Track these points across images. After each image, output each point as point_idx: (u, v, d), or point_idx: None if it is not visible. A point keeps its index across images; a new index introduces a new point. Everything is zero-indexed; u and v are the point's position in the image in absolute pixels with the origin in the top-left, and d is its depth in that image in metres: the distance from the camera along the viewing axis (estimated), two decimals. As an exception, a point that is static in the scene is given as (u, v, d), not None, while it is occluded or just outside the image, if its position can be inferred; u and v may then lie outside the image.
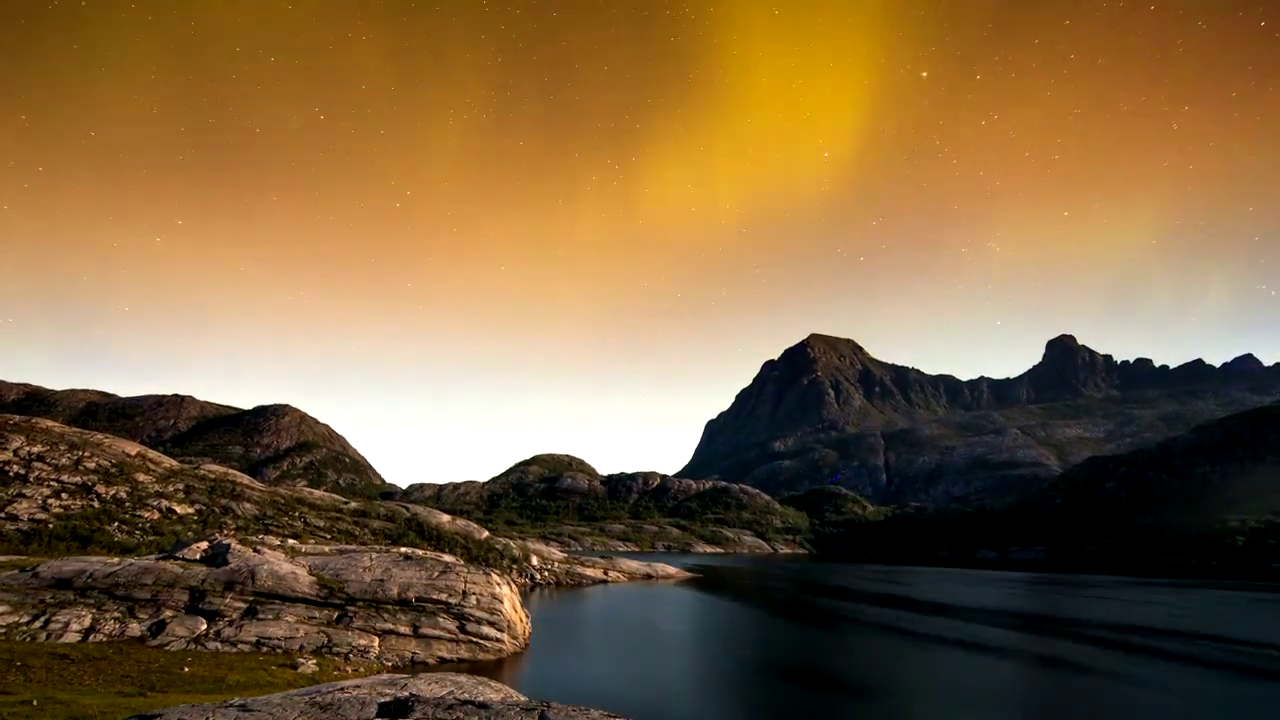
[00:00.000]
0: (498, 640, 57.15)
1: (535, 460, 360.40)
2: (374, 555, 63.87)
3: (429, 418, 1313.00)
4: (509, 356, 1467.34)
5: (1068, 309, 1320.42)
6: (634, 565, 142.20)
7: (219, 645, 47.25)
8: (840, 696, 50.83)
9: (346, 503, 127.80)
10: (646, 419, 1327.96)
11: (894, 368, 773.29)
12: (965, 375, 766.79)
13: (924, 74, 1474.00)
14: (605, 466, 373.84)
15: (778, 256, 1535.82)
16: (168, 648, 45.91)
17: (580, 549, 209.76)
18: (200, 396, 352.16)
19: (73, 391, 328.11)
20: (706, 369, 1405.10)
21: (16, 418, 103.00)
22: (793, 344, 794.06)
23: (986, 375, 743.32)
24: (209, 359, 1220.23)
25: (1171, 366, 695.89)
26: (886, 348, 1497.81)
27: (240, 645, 47.78)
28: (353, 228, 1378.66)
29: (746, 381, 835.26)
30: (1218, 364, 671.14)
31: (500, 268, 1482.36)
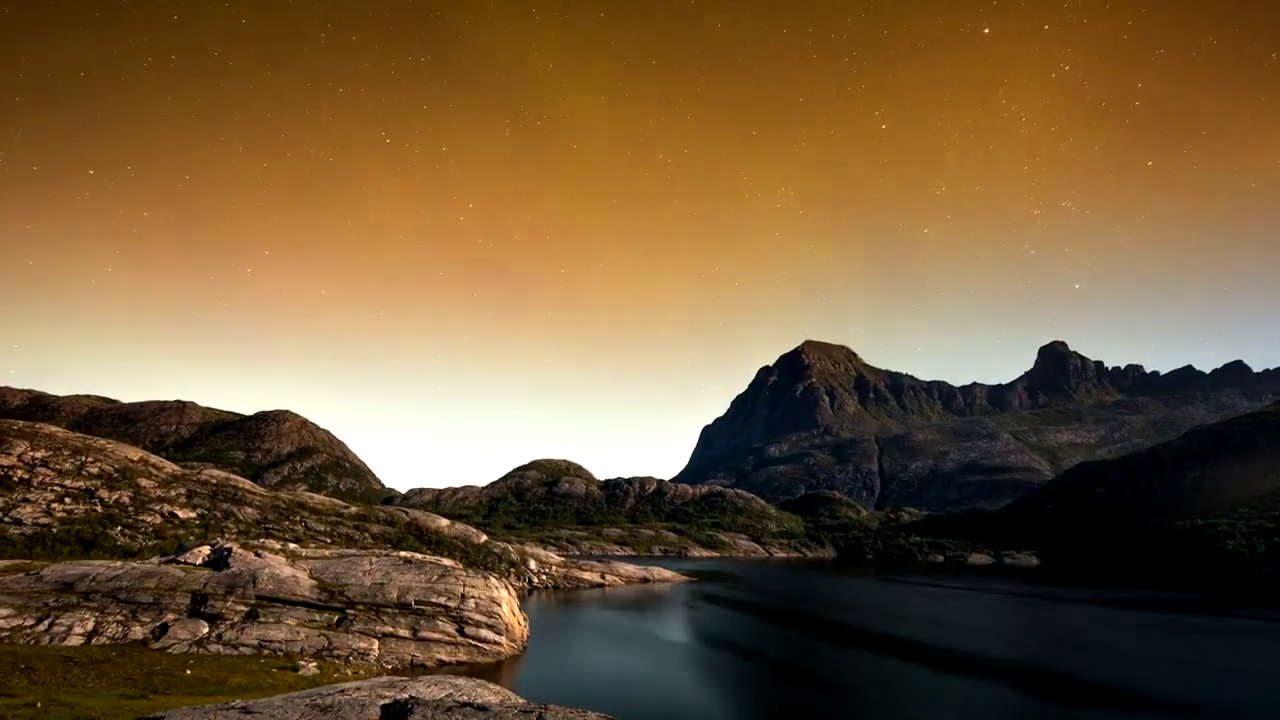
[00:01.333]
0: (496, 643, 57.26)
1: (533, 465, 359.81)
2: (374, 559, 63.97)
3: (428, 423, 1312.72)
4: (508, 362, 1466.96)
5: (1059, 316, 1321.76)
6: (631, 569, 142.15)
7: (221, 648, 47.33)
8: (833, 697, 51.05)
9: (346, 507, 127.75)
10: (643, 425, 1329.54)
11: (888, 374, 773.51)
12: (959, 381, 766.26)
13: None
14: (603, 471, 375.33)
15: (774, 262, 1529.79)
16: (170, 651, 45.99)
17: (578, 553, 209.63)
18: (202, 402, 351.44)
19: (76, 397, 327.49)
20: (703, 375, 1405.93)
21: (20, 423, 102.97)
22: (788, 350, 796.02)
23: (980, 381, 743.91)
24: (211, 365, 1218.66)
25: (1162, 372, 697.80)
26: (881, 354, 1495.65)
27: (242, 648, 47.86)
28: (353, 233, 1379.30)
29: (742, 388, 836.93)
30: (1208, 370, 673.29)
31: (498, 275, 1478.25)
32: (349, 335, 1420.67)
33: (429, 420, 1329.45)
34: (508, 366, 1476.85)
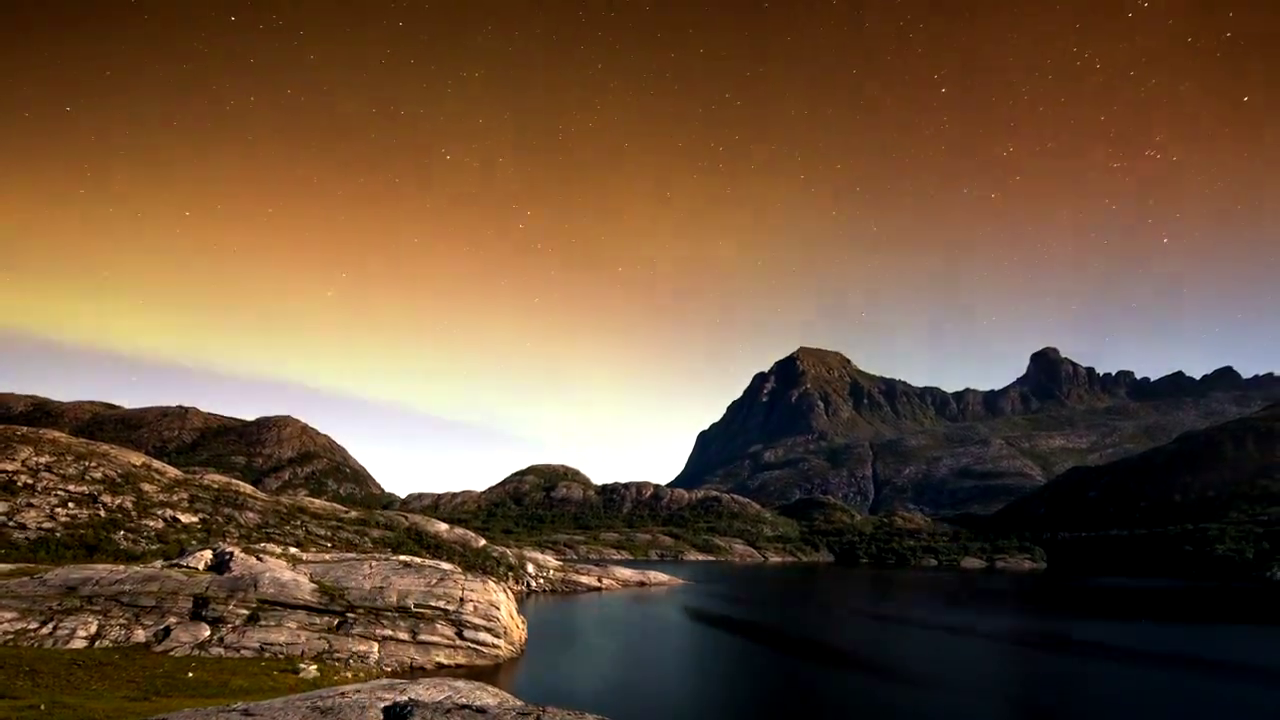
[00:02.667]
0: (495, 646, 57.32)
1: (531, 470, 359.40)
2: (373, 563, 64.01)
3: (427, 428, 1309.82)
4: (507, 367, 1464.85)
5: (1052, 322, 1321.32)
6: (628, 573, 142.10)
7: (222, 651, 47.37)
8: (825, 697, 51.17)
9: (347, 512, 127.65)
10: (640, 430, 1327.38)
11: (882, 380, 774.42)
12: (952, 387, 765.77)
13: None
14: (600, 476, 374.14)
15: (769, 268, 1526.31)
16: (172, 653, 46.02)
17: (575, 557, 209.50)
18: (204, 408, 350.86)
19: (79, 403, 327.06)
20: (699, 381, 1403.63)
21: (24, 429, 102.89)
22: (783, 356, 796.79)
23: (972, 387, 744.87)
24: (213, 371, 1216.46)
25: (1153, 378, 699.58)
26: (875, 360, 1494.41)
27: (243, 651, 47.90)
28: (354, 239, 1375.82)
29: (738, 393, 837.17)
30: (1198, 376, 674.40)
31: (497, 283, 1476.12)
32: (349, 340, 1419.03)
33: (428, 425, 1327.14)
34: (506, 371, 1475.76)
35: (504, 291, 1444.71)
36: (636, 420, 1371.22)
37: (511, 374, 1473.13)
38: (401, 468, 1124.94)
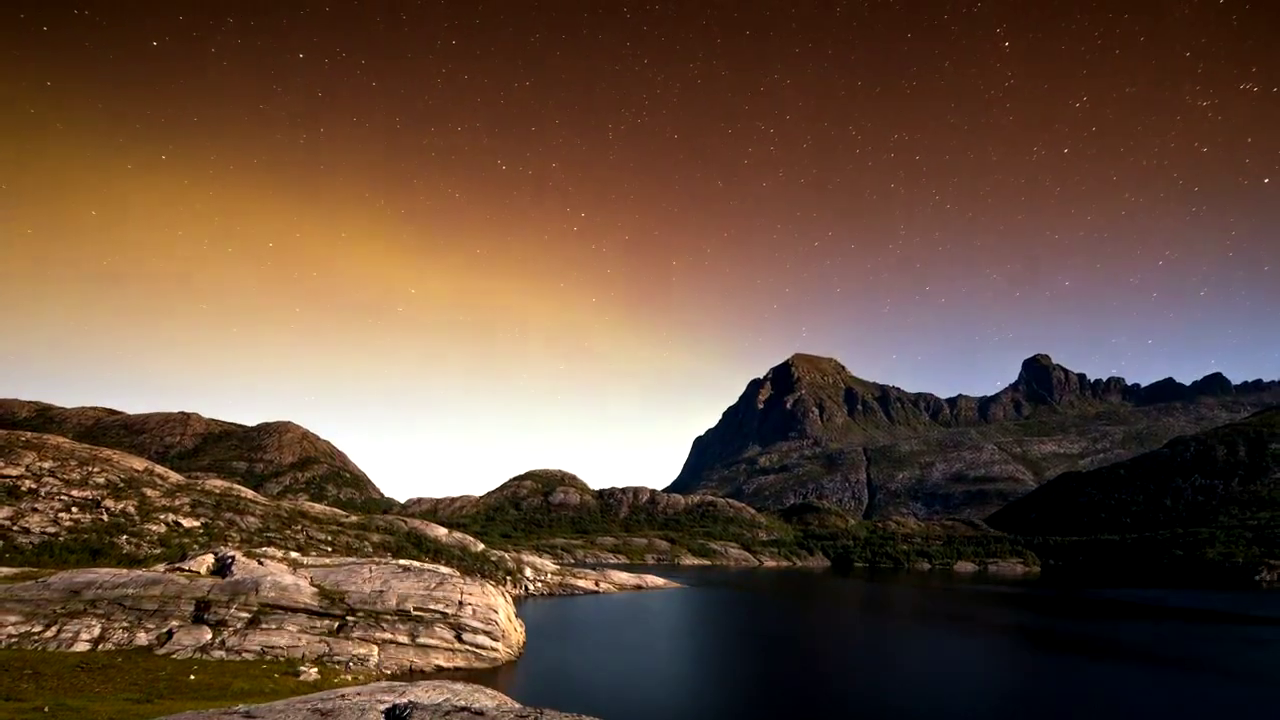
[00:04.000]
0: (493, 649, 57.38)
1: (529, 475, 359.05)
2: (373, 567, 64.05)
3: (427, 434, 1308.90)
4: (505, 372, 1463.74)
5: (1043, 329, 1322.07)
6: (624, 577, 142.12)
7: (224, 654, 47.40)
8: (817, 699, 51.24)
9: (347, 516, 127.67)
10: (637, 436, 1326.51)
11: (876, 386, 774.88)
12: (945, 393, 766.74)
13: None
14: (597, 481, 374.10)
15: (764, 275, 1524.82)
16: (174, 656, 46.06)
17: (573, 561, 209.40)
18: (206, 414, 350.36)
19: (82, 409, 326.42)
20: (695, 387, 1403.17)
21: (28, 434, 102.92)
22: (778, 363, 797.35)
23: (965, 393, 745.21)
24: (215, 377, 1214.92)
25: (1143, 384, 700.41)
26: (869, 367, 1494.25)
27: (244, 654, 47.94)
28: (353, 247, 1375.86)
29: (733, 399, 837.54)
30: (1188, 382, 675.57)
31: (494, 292, 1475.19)
32: (351, 347, 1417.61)
33: (428, 431, 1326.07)
34: (504, 377, 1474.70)
35: (502, 300, 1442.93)
36: (634, 426, 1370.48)
37: (510, 379, 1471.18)
38: (401, 473, 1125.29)
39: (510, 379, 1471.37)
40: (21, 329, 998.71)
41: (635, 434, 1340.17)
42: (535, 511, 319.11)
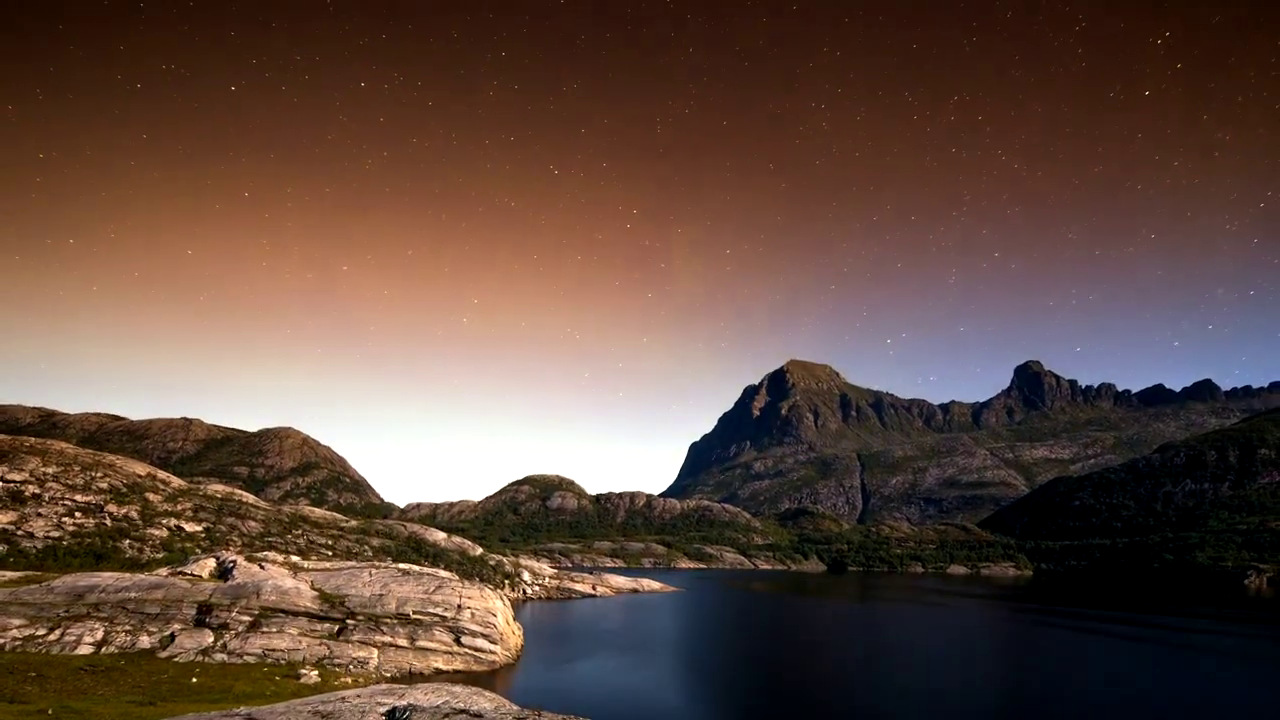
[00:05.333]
0: (491, 652, 57.41)
1: (527, 480, 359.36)
2: (373, 571, 64.07)
3: (426, 439, 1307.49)
4: (503, 378, 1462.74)
5: (1035, 336, 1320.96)
6: (621, 581, 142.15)
7: (225, 657, 47.42)
8: (809, 700, 51.33)
9: (347, 521, 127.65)
10: (634, 441, 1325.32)
11: (870, 392, 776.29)
12: (938, 400, 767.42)
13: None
14: (594, 486, 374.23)
15: (759, 283, 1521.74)
16: (176, 659, 46.08)
17: (570, 565, 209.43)
18: (207, 419, 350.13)
19: (85, 415, 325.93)
20: (690, 394, 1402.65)
21: (32, 440, 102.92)
22: (773, 369, 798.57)
23: (958, 400, 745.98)
24: (216, 383, 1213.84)
25: (1134, 391, 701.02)
26: (863, 373, 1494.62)
27: (246, 657, 47.96)
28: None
29: (729, 405, 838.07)
30: (1178, 389, 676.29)
31: (493, 299, 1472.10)
32: (351, 353, 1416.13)
33: (427, 436, 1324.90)
34: (502, 382, 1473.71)
35: (499, 307, 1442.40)
36: (631, 432, 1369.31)
37: (509, 384, 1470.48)
38: (400, 478, 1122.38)
39: (508, 383, 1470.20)
40: (25, 335, 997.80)
41: (632, 439, 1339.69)
42: (533, 516, 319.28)
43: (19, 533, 74.33)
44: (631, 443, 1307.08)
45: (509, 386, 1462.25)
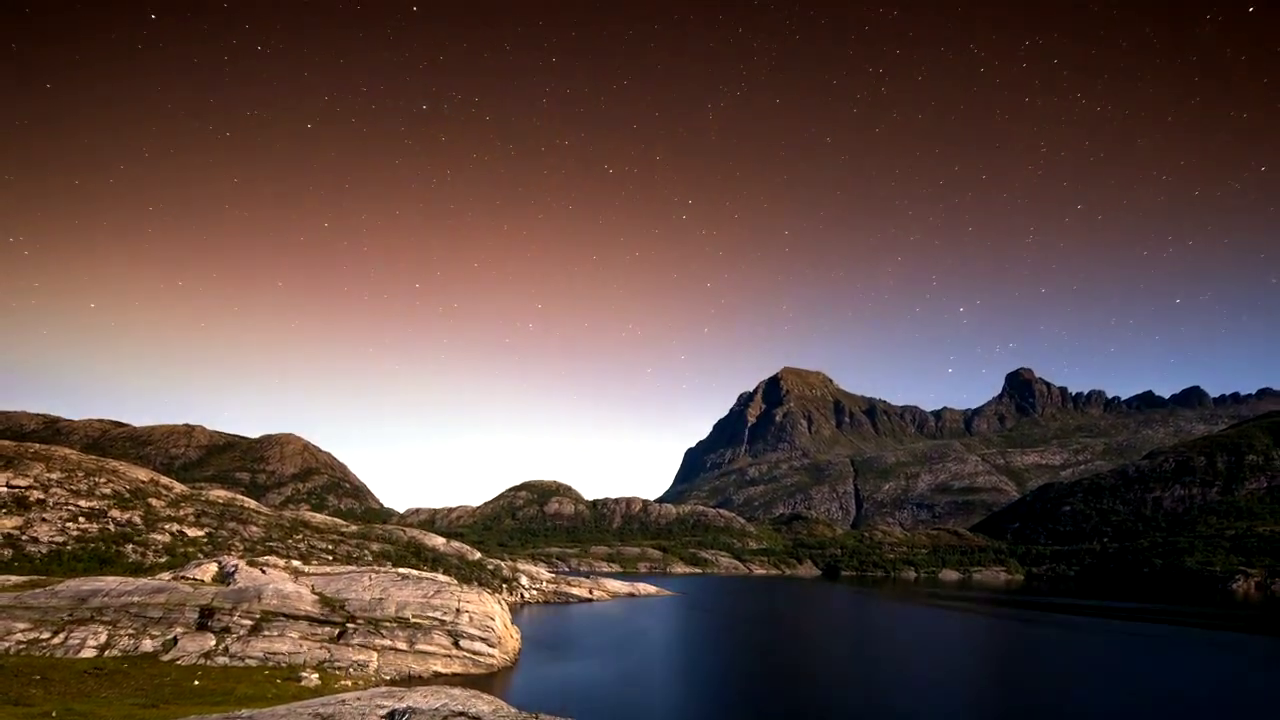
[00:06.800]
0: (490, 655, 57.49)
1: (524, 486, 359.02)
2: (373, 575, 64.14)
3: (425, 445, 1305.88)
4: (501, 384, 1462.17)
5: (1026, 343, 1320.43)
6: (617, 585, 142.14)
7: (227, 660, 47.49)
8: (809, 700, 51.45)
9: (347, 526, 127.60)
10: (629, 447, 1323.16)
11: (863, 399, 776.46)
12: (930, 406, 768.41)
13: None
14: (590, 492, 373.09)
15: (754, 290, 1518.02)
16: (179, 662, 46.14)
17: (567, 569, 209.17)
18: (209, 426, 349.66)
19: (89, 421, 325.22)
20: (686, 400, 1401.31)
21: (36, 446, 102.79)
22: (767, 376, 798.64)
23: (950, 406, 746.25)
24: (218, 389, 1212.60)
25: (1124, 397, 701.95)
26: (856, 380, 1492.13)
27: (247, 660, 48.03)
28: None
29: (723, 412, 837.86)
30: (1167, 395, 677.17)
31: (491, 305, 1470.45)
32: (351, 359, 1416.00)
33: (426, 442, 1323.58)
34: (501, 388, 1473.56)
35: (498, 311, 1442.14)
36: (626, 438, 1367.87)
37: (507, 389, 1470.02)
38: (400, 483, 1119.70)
39: (507, 388, 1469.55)
40: (29, 342, 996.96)
41: (628, 446, 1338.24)
42: (531, 521, 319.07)
43: (24, 538, 74.29)
44: (628, 449, 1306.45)
45: (510, 390, 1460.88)
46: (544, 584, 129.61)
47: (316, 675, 45.56)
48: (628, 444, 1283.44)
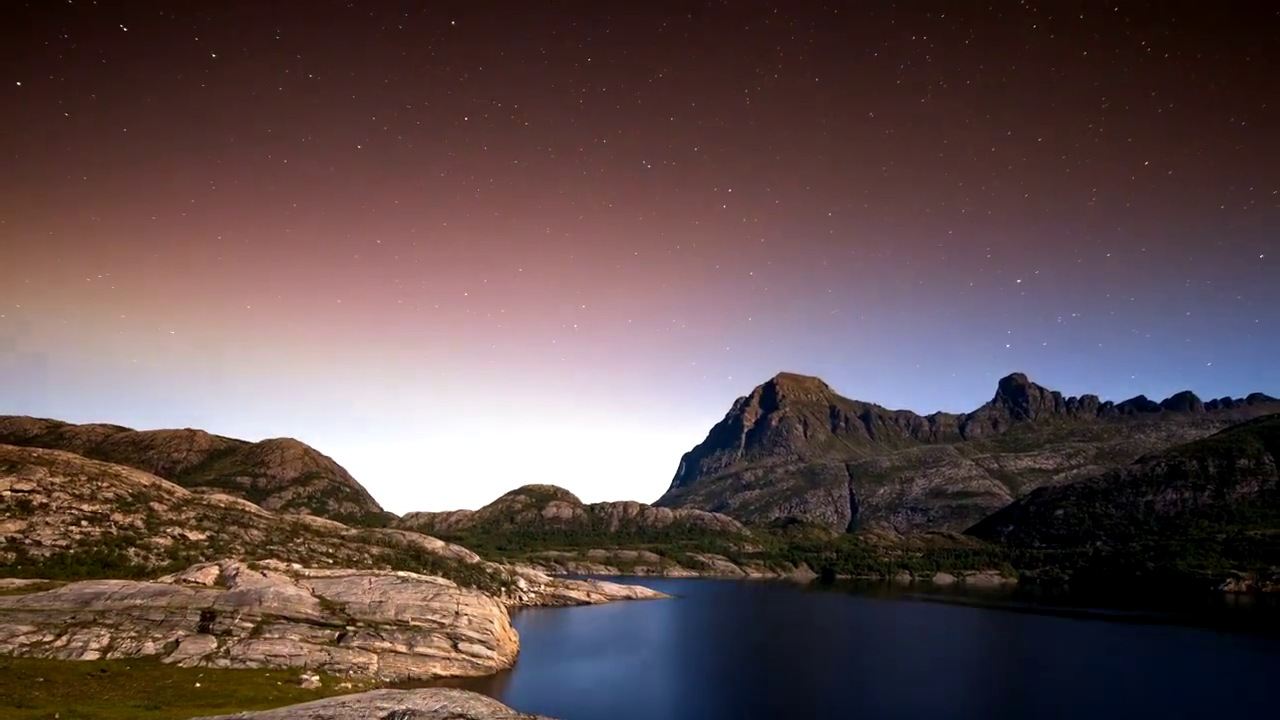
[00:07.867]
0: (488, 657, 57.51)
1: (523, 490, 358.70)
2: (373, 579, 64.15)
3: (424, 449, 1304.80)
4: (500, 389, 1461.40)
5: (1019, 348, 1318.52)
6: (614, 588, 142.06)
7: (228, 663, 47.50)
8: (808, 701, 51.53)
9: (347, 529, 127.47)
10: (627, 451, 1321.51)
11: (858, 404, 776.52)
12: (924, 411, 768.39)
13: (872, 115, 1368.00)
14: (588, 496, 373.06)
15: (750, 294, 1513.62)
16: (180, 665, 46.15)
17: (565, 572, 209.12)
18: (210, 430, 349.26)
19: (91, 426, 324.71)
20: (683, 405, 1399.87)
21: (39, 450, 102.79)
22: (763, 381, 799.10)
23: (944, 411, 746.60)
24: (219, 393, 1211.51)
25: (1116, 402, 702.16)
26: (851, 385, 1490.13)
27: (248, 663, 48.04)
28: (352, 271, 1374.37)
29: (720, 416, 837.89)
30: (1159, 400, 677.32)
31: (489, 310, 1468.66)
32: (351, 365, 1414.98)
33: (426, 446, 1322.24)
34: (500, 393, 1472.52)
35: (496, 316, 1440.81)
36: (624, 443, 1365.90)
37: (506, 395, 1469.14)
38: (399, 487, 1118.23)
39: (505, 393, 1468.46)
40: (32, 346, 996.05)
41: (626, 450, 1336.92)
42: (529, 525, 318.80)
43: (27, 541, 74.24)
44: (625, 453, 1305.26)
45: (507, 399, 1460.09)
46: (542, 587, 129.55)
47: (317, 677, 45.58)
48: (625, 449, 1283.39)
